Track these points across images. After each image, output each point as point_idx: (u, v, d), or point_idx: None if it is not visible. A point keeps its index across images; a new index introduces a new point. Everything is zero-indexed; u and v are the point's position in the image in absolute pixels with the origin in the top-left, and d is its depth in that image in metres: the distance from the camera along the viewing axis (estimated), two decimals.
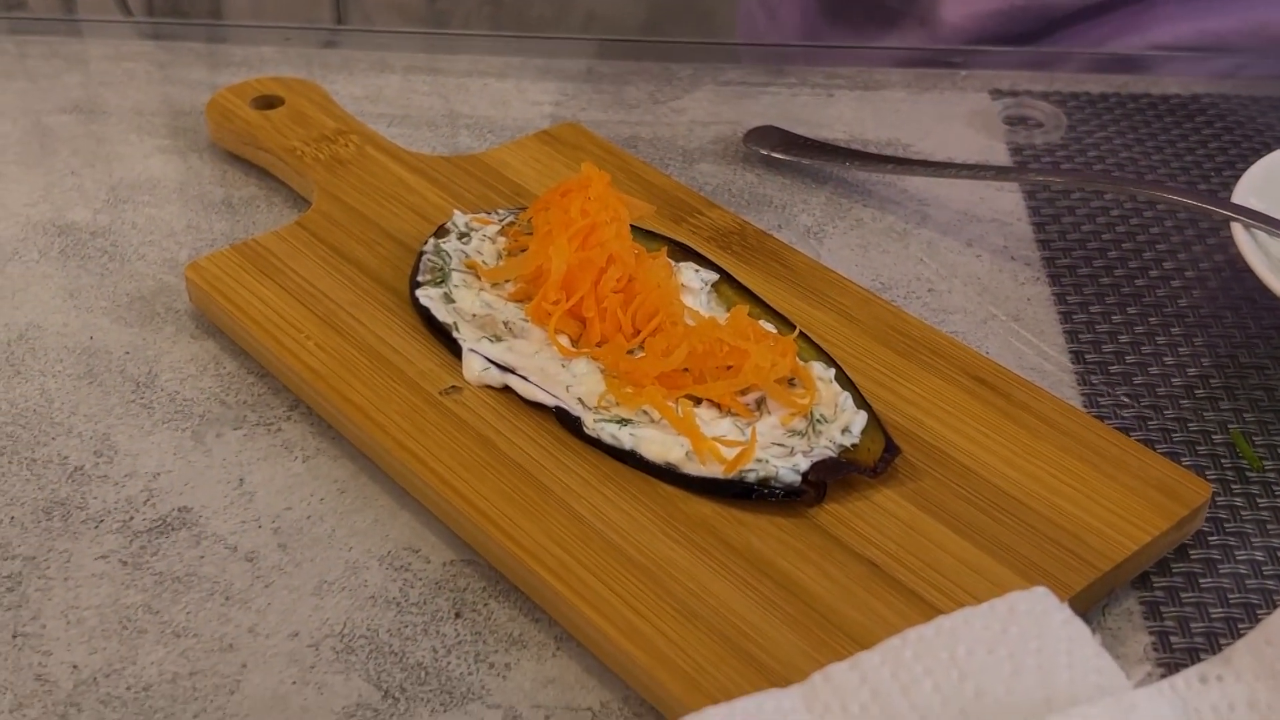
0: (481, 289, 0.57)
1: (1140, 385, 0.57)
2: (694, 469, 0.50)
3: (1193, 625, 0.48)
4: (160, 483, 0.52)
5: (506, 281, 0.57)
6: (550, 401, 0.52)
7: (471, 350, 0.54)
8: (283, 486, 0.52)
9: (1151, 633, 0.48)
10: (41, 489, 0.52)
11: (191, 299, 0.60)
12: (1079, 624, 0.40)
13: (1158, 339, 0.59)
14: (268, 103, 0.70)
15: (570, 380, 0.53)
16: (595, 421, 0.51)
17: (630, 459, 0.51)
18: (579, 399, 0.52)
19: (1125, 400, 0.57)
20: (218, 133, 0.69)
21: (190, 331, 0.59)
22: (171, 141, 0.71)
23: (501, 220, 0.60)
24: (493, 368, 0.53)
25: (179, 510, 0.51)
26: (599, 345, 0.54)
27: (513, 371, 0.53)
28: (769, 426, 0.51)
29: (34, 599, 0.48)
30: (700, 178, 0.69)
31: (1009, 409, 0.53)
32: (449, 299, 0.56)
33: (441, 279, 0.57)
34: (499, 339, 0.55)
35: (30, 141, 0.71)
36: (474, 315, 0.56)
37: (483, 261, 0.58)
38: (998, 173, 0.67)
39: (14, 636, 0.47)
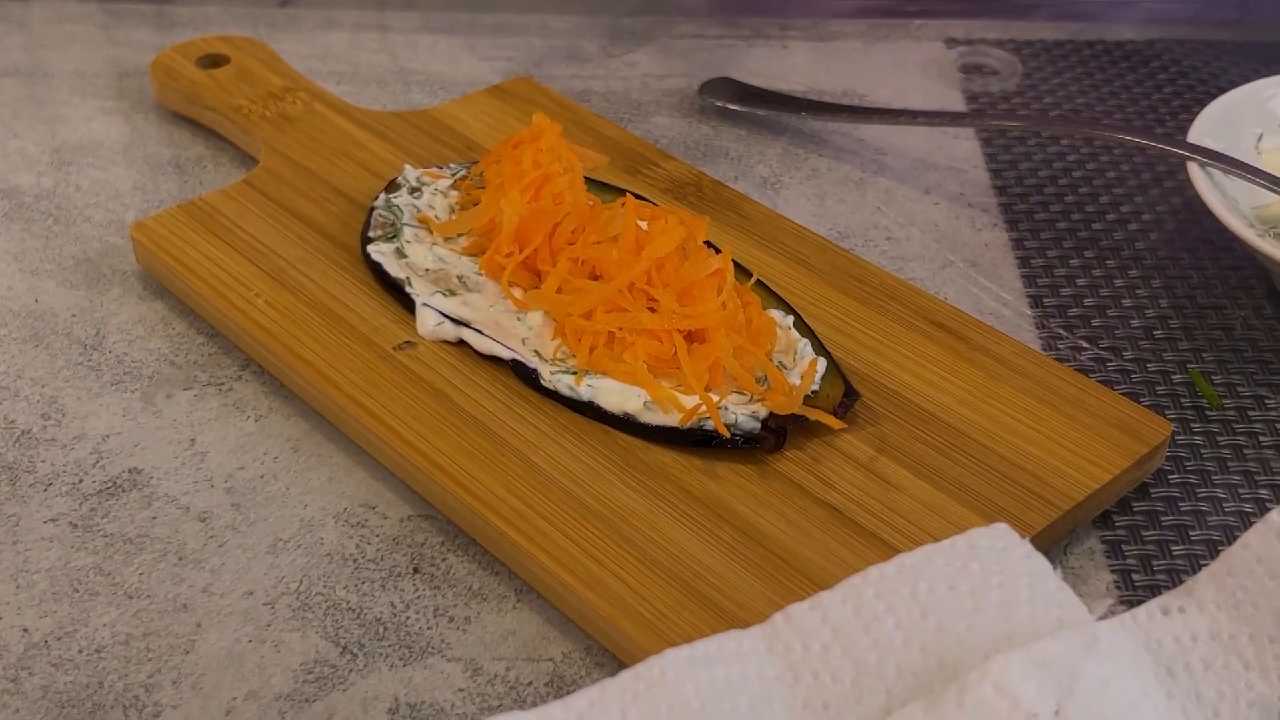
0: (434, 243, 0.56)
1: (1099, 327, 0.57)
2: (652, 418, 0.49)
3: (1154, 562, 0.48)
4: (110, 445, 0.51)
5: (459, 236, 0.56)
6: (506, 355, 0.52)
7: (425, 305, 0.53)
8: (235, 446, 0.51)
9: (1114, 570, 0.48)
10: None
11: (138, 260, 0.59)
12: (1040, 559, 0.40)
13: (1115, 281, 0.59)
14: (213, 62, 0.69)
15: (525, 333, 0.52)
16: (552, 373, 0.51)
17: (588, 410, 0.50)
18: (535, 351, 0.52)
19: (1084, 343, 0.56)
20: (162, 93, 0.68)
21: (138, 293, 0.58)
22: (116, 103, 0.70)
23: (454, 174, 0.60)
24: (447, 322, 0.53)
25: (129, 472, 0.50)
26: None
27: (467, 325, 0.52)
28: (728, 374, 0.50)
29: None
30: (656, 131, 0.68)
31: (968, 353, 0.53)
32: (401, 254, 0.55)
33: (393, 234, 0.56)
34: (453, 293, 0.54)
35: None
36: (427, 270, 0.55)
37: (435, 216, 0.57)
38: (954, 119, 0.66)
39: None
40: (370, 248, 0.56)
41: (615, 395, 0.50)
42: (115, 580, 0.47)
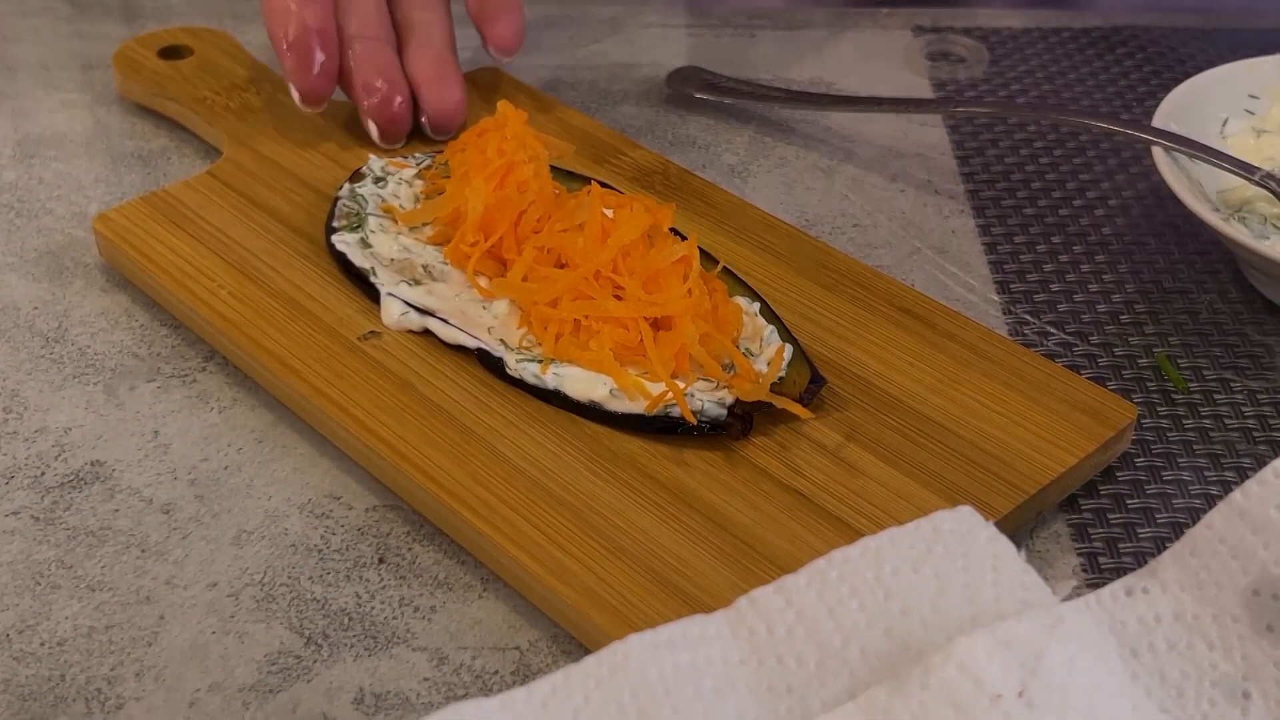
0: (399, 233, 0.56)
1: (1065, 312, 0.57)
2: (619, 406, 0.49)
3: (1120, 546, 0.48)
4: (72, 437, 0.51)
5: (424, 225, 0.56)
6: (472, 344, 0.51)
7: (390, 294, 0.53)
8: (199, 438, 0.51)
9: (1080, 554, 0.48)
10: None
11: (101, 252, 0.58)
12: (1004, 541, 0.40)
13: (1082, 267, 0.59)
14: (176, 53, 0.68)
15: (491, 321, 0.52)
16: (518, 362, 0.50)
17: (554, 399, 0.50)
18: (501, 340, 0.51)
19: (1050, 328, 0.56)
20: (125, 84, 0.67)
21: (100, 285, 0.58)
22: (79, 95, 0.69)
23: (419, 164, 0.59)
24: (412, 311, 0.52)
25: (92, 464, 0.50)
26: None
27: (432, 314, 0.52)
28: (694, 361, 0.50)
29: None
30: (623, 120, 0.68)
31: (934, 338, 0.53)
32: (365, 244, 0.55)
33: (358, 224, 0.56)
34: (418, 282, 0.53)
35: None
36: (392, 260, 0.54)
37: (400, 205, 0.57)
38: (921, 106, 0.66)
39: None
40: (335, 238, 0.55)
41: (581, 383, 0.49)
42: (77, 573, 0.46)
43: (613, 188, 0.58)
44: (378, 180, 0.58)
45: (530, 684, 0.36)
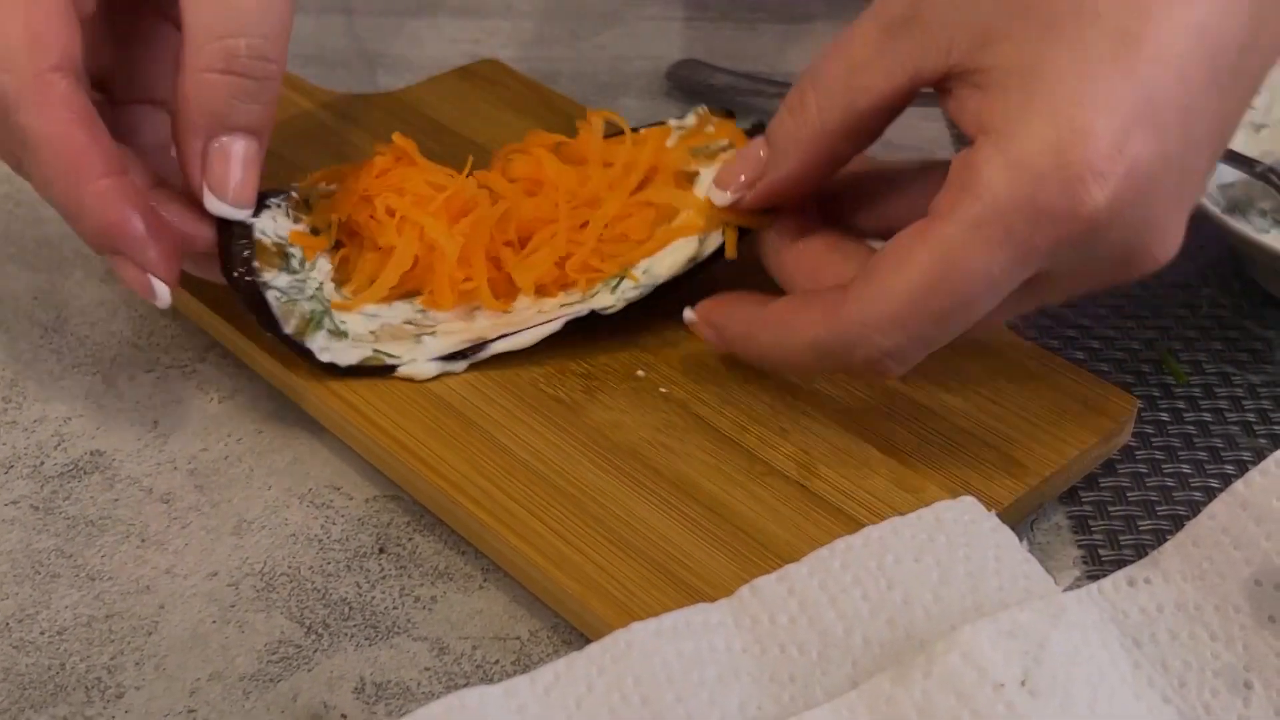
0: (362, 310, 0.51)
1: (1065, 307, 0.57)
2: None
3: (1121, 538, 0.48)
4: (71, 427, 0.51)
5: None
6: (533, 337, 0.50)
7: (423, 363, 0.50)
8: (199, 428, 0.51)
9: (1080, 546, 0.48)
10: None
11: None
12: (1006, 532, 0.40)
13: None
14: None
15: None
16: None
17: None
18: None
19: (1050, 321, 0.56)
20: None
21: (99, 275, 0.58)
22: None
23: (277, 205, 0.52)
24: (450, 360, 0.50)
25: (91, 454, 0.50)
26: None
27: (479, 348, 0.50)
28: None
29: None
30: (623, 113, 0.68)
31: None
32: (340, 334, 0.50)
33: (318, 323, 0.50)
34: (420, 336, 0.51)
35: None
36: (373, 333, 0.51)
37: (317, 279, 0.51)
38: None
39: None
40: (315, 350, 0.49)
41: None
42: (77, 562, 0.46)
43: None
44: (289, 268, 0.50)
45: (533, 672, 0.36)
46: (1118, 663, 0.37)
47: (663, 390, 0.50)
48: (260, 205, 0.50)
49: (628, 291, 0.50)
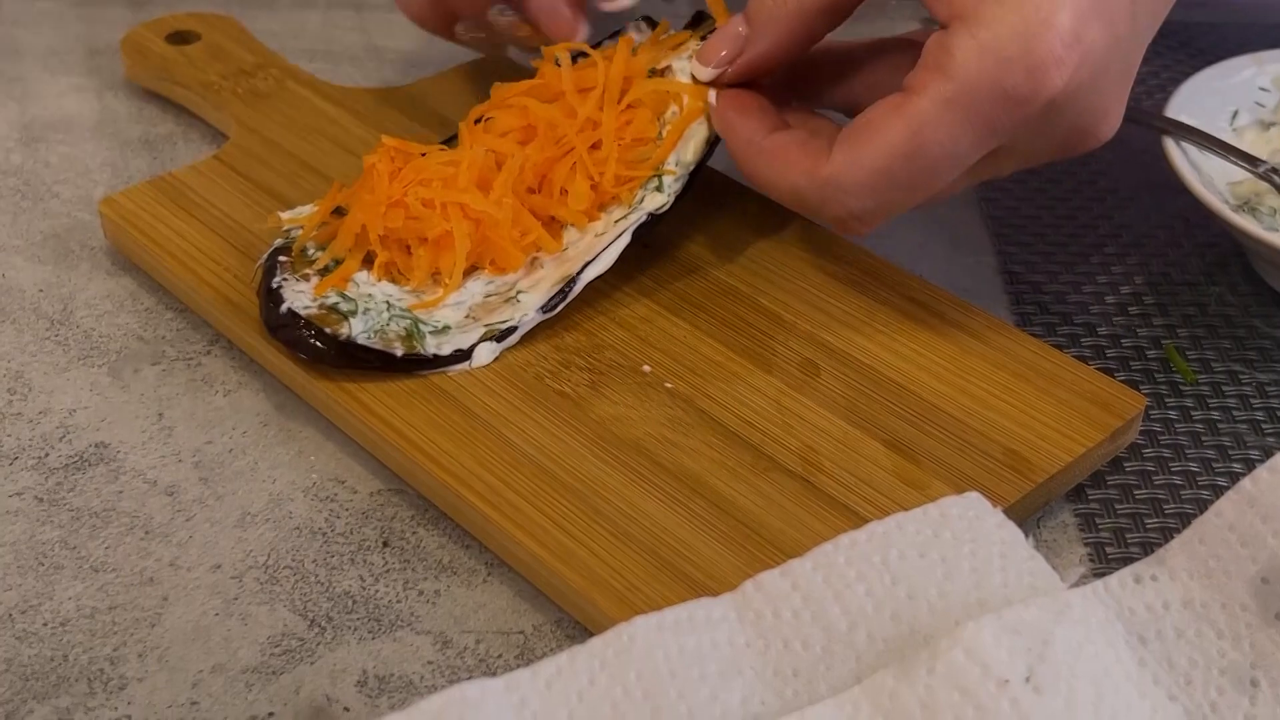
0: (389, 296, 0.51)
1: (1074, 303, 0.57)
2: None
3: (1128, 536, 0.48)
4: (76, 419, 0.51)
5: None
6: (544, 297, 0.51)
7: (481, 346, 0.50)
8: (203, 421, 0.51)
9: (1087, 544, 0.47)
10: None
11: (107, 235, 0.58)
12: (1012, 528, 0.39)
13: (1091, 258, 0.59)
14: (183, 39, 0.68)
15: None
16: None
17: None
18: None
19: (1058, 319, 0.56)
20: (133, 69, 0.67)
21: (106, 269, 0.58)
22: (87, 80, 0.69)
23: (283, 279, 0.51)
24: (499, 341, 0.51)
25: (96, 446, 0.50)
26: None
27: (569, 287, 0.52)
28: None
29: None
30: None
31: (942, 327, 0.52)
32: (443, 330, 0.50)
33: (416, 333, 0.50)
34: (510, 297, 0.51)
35: None
36: (470, 317, 0.51)
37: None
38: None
39: None
40: (443, 352, 0.50)
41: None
42: (81, 554, 0.46)
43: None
44: (351, 311, 0.50)
45: (535, 665, 0.36)
46: (1123, 660, 0.37)
47: (668, 385, 0.50)
48: (275, 295, 0.50)
49: (670, 185, 0.53)
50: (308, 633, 0.44)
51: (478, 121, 0.55)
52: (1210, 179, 0.56)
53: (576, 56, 0.56)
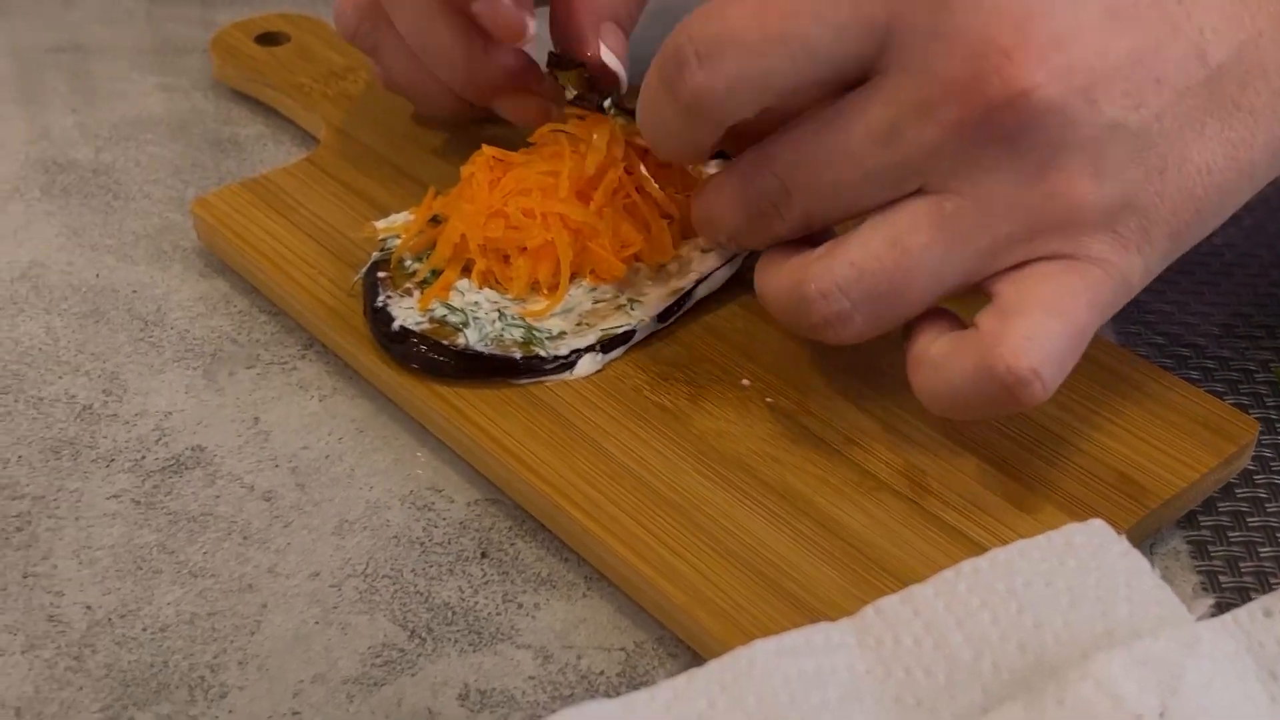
0: (497, 305, 0.51)
1: (1177, 325, 0.56)
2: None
3: (1241, 564, 0.47)
4: (172, 422, 0.51)
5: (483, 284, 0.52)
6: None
7: (585, 356, 0.50)
8: (299, 426, 0.51)
9: (1200, 572, 0.46)
10: (49, 428, 0.50)
11: (199, 236, 0.58)
12: (1137, 557, 0.38)
13: (1194, 277, 0.58)
14: (273, 39, 0.68)
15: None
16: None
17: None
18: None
19: (1161, 340, 0.55)
20: (221, 69, 0.67)
21: (199, 270, 0.57)
22: (173, 79, 0.69)
23: (387, 296, 0.51)
24: (602, 351, 0.50)
25: (192, 449, 0.50)
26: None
27: (683, 300, 0.52)
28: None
29: (44, 539, 0.46)
30: None
31: None
32: (559, 336, 0.50)
33: (532, 338, 0.50)
34: (623, 304, 0.51)
35: (28, 79, 0.69)
36: (581, 324, 0.51)
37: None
38: None
39: (24, 577, 0.45)
40: (564, 355, 0.50)
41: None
42: (179, 559, 0.46)
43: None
44: (463, 323, 0.50)
45: (651, 688, 0.35)
46: (1254, 696, 0.36)
47: (769, 400, 0.49)
48: (384, 314, 0.50)
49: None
50: (408, 644, 0.43)
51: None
52: None
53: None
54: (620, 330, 0.50)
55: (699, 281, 0.52)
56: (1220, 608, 0.45)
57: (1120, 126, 0.41)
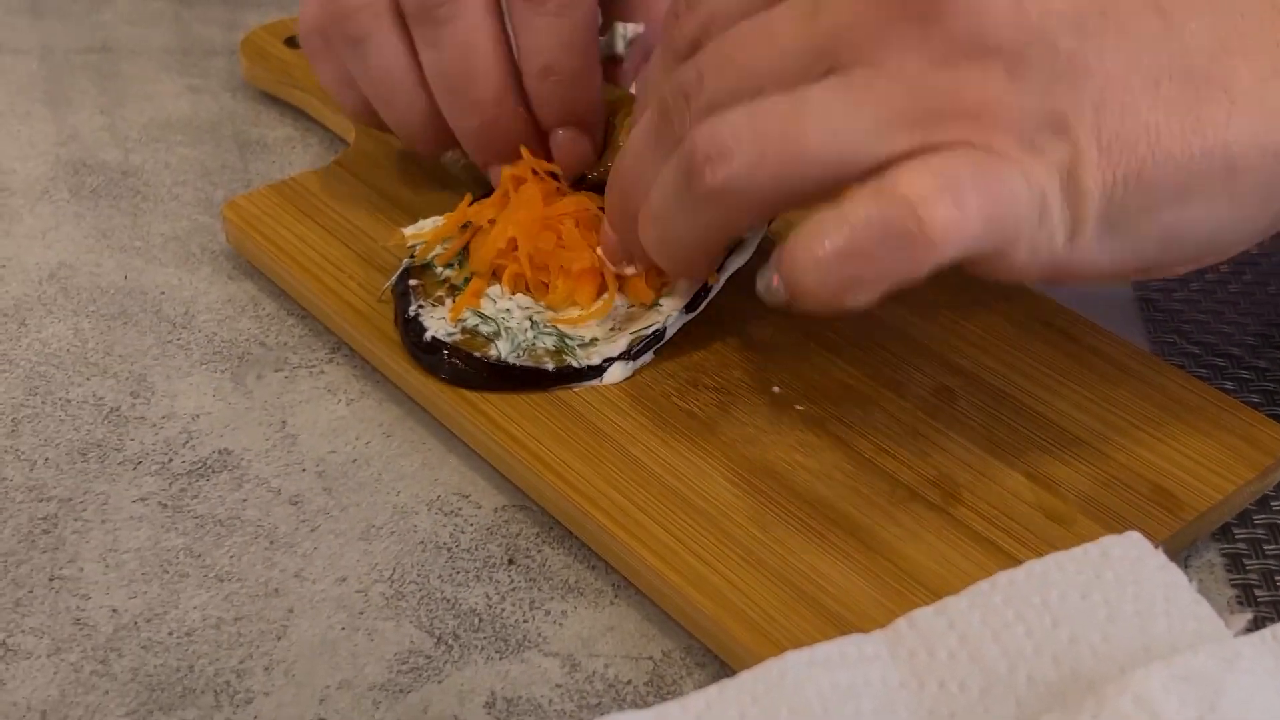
0: (528, 308, 0.51)
1: (1213, 335, 0.55)
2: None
3: (1277, 578, 0.46)
4: (200, 424, 0.50)
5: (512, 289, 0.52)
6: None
7: (615, 364, 0.50)
8: (326, 429, 0.50)
9: (1234, 585, 0.46)
10: (76, 430, 0.50)
11: (228, 239, 0.58)
12: (1175, 570, 0.38)
13: (1229, 286, 0.57)
14: None
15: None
16: None
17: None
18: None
19: (1196, 350, 0.54)
20: (251, 71, 0.67)
21: (227, 272, 0.57)
22: (203, 81, 0.69)
23: (419, 306, 0.51)
24: (633, 358, 0.50)
25: (220, 452, 0.49)
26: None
27: (704, 293, 0.51)
28: None
29: (71, 541, 0.46)
30: None
31: (1079, 353, 0.51)
32: (591, 343, 0.50)
33: (565, 347, 0.50)
34: (653, 304, 0.51)
35: (58, 81, 0.69)
36: (614, 328, 0.51)
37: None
38: None
39: (51, 579, 0.45)
40: (597, 362, 0.50)
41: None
42: (206, 562, 0.46)
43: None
44: (495, 333, 0.50)
45: (683, 698, 0.35)
46: None
47: (799, 407, 0.49)
48: (415, 324, 0.50)
49: None
50: (434, 650, 0.43)
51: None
52: None
53: None
54: (650, 331, 0.50)
55: (728, 254, 0.50)
56: (1257, 622, 0.44)
57: (1048, 42, 0.39)
